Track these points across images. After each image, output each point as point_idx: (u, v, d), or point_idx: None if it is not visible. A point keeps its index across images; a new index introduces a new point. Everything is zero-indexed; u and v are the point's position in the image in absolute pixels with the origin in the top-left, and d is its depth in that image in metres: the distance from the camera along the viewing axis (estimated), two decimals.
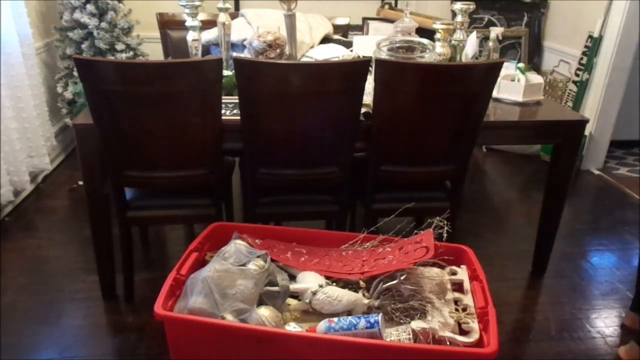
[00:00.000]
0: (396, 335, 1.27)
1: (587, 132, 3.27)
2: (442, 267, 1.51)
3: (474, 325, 1.30)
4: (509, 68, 2.24)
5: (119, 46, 3.08)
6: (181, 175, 1.84)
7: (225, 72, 1.98)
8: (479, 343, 1.25)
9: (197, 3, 2.06)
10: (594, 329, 2.01)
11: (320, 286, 1.40)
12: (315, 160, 1.89)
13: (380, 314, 1.29)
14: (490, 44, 2.32)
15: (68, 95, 3.11)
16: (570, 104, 3.44)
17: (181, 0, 2.05)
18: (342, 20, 2.80)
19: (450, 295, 1.41)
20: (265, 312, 1.29)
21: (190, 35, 2.12)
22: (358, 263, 1.52)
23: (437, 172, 1.97)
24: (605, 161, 3.53)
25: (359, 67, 1.70)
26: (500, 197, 3.13)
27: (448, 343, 1.25)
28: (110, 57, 3.05)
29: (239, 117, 1.77)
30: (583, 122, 2.05)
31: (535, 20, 3.84)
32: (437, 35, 2.20)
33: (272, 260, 1.45)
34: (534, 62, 3.86)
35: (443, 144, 1.88)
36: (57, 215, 2.71)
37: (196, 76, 1.65)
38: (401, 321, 1.36)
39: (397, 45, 2.08)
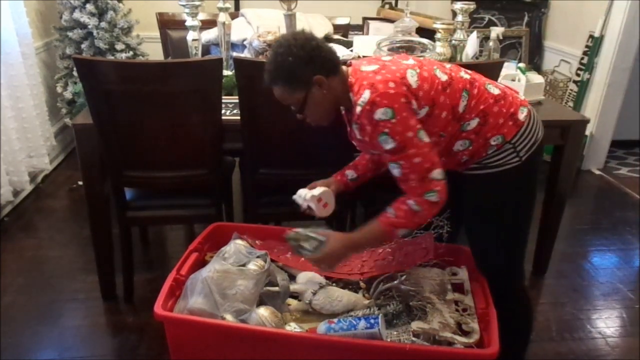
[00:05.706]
0: (396, 335, 1.27)
1: (587, 132, 3.26)
2: (442, 268, 1.51)
3: (475, 325, 1.30)
4: (509, 68, 2.24)
5: (119, 46, 3.08)
6: (181, 175, 1.84)
7: (225, 72, 1.97)
8: (480, 343, 1.25)
9: (197, 3, 2.06)
10: (595, 329, 2.01)
11: (320, 286, 1.40)
12: (315, 160, 1.88)
13: (380, 314, 1.29)
14: (491, 43, 2.32)
15: (68, 95, 3.11)
16: (571, 103, 3.44)
17: (181, 0, 2.04)
18: (342, 20, 2.80)
19: (451, 295, 1.41)
20: (265, 313, 1.29)
21: (190, 35, 2.12)
22: (358, 263, 1.52)
23: None
24: (606, 161, 3.53)
25: None
26: None
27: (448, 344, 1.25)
28: (110, 57, 3.04)
29: (239, 117, 1.76)
30: (584, 122, 2.05)
31: (536, 20, 3.83)
32: (438, 35, 2.20)
33: (272, 260, 1.45)
34: (534, 62, 3.85)
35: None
36: (57, 215, 2.71)
37: (196, 76, 1.64)
38: (401, 322, 1.36)
39: (397, 45, 2.08)
